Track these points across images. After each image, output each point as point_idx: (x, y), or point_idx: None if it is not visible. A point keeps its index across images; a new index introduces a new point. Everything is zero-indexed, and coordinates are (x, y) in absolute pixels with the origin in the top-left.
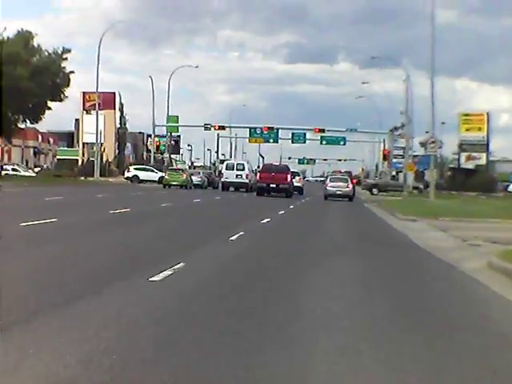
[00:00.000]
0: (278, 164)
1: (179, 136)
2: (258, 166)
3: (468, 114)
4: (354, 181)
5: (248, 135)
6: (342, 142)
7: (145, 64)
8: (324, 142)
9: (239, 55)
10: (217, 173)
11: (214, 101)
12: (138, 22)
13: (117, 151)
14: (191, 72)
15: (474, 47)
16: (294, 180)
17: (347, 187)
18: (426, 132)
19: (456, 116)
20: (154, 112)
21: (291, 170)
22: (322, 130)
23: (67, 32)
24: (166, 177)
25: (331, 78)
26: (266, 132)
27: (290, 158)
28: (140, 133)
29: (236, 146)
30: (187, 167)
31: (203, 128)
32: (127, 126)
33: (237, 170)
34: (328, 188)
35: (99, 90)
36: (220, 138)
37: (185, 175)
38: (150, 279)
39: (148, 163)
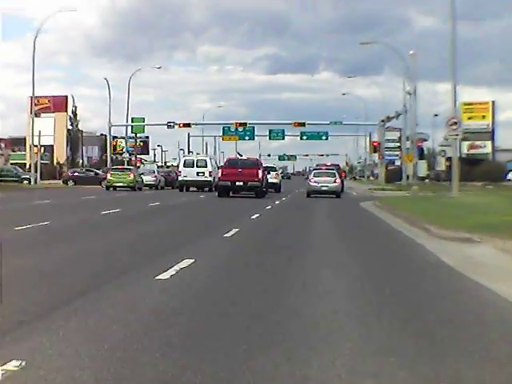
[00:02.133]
0: (245, 158)
1: (147, 137)
2: None
3: (470, 103)
4: (344, 174)
5: (221, 133)
6: (323, 137)
7: (124, 79)
8: (304, 138)
9: (219, 68)
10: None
11: (194, 108)
12: (118, 40)
13: (69, 153)
14: (172, 85)
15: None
16: (268, 176)
17: (334, 182)
18: (416, 125)
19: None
20: (111, 113)
21: (265, 164)
22: (302, 124)
23: (48, 52)
24: (109, 177)
25: (313, 87)
26: (240, 130)
27: (269, 155)
28: (115, 137)
29: (215, 147)
30: (155, 167)
31: (166, 126)
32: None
33: (197, 166)
34: (311, 183)
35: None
36: (196, 139)
37: (132, 175)
38: None
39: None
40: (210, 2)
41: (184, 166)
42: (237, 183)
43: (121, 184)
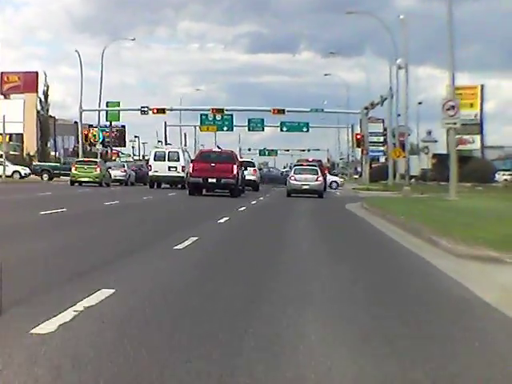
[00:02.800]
0: (220, 151)
1: (123, 126)
2: None
3: (458, 87)
4: (326, 171)
5: (199, 123)
6: (304, 128)
7: (106, 55)
8: (285, 129)
9: (200, 46)
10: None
11: (175, 93)
12: (99, 16)
13: (39, 143)
14: (152, 65)
15: (436, 34)
16: (245, 172)
17: (316, 180)
18: (398, 115)
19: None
20: (83, 94)
21: (242, 159)
22: (282, 111)
23: (28, 26)
24: (74, 171)
25: (294, 68)
26: (218, 119)
27: (249, 150)
28: (90, 126)
29: (195, 139)
30: (131, 159)
31: (139, 112)
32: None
33: (169, 160)
34: (292, 182)
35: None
36: (175, 129)
37: (98, 169)
38: None
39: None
40: None
41: (154, 160)
42: (209, 180)
43: (86, 179)
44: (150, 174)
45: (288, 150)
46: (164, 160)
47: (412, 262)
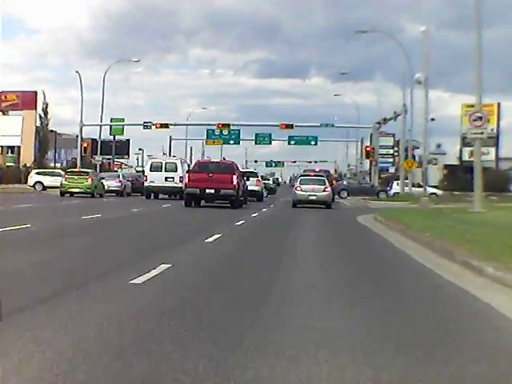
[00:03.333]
0: (219, 161)
1: (128, 140)
2: None
3: (473, 104)
4: (334, 182)
5: (205, 137)
6: (313, 142)
7: (117, 80)
8: (292, 142)
9: (210, 72)
10: None
11: (184, 113)
12: (110, 42)
13: (37, 154)
14: (162, 88)
15: (446, 60)
16: (247, 183)
17: (324, 191)
18: (410, 130)
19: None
20: (83, 111)
21: (244, 169)
22: (290, 126)
23: (40, 52)
24: (64, 181)
25: (304, 92)
26: (225, 133)
27: (256, 162)
28: (93, 139)
29: (203, 152)
30: (134, 171)
31: (142, 127)
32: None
33: (166, 170)
34: (298, 192)
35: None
36: (182, 143)
37: (90, 179)
38: None
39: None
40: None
41: (151, 170)
42: (207, 190)
43: (77, 189)
44: (146, 184)
45: (295, 162)
46: (161, 170)
47: (456, 298)
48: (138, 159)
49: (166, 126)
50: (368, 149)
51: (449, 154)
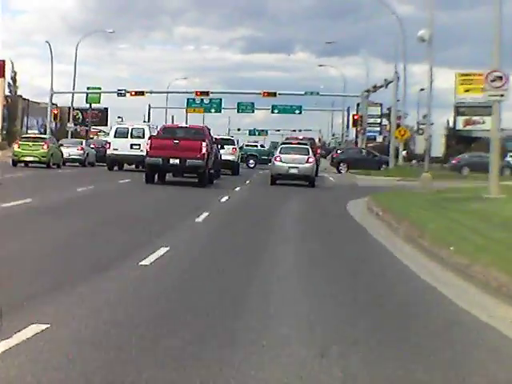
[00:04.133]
0: (187, 126)
1: (106, 108)
2: None
3: (467, 73)
4: (318, 151)
5: (185, 106)
6: (297, 111)
7: (101, 56)
8: (276, 111)
9: (195, 48)
10: None
11: (167, 84)
12: (96, 22)
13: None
14: (147, 62)
15: (433, 37)
16: (221, 152)
17: (307, 162)
18: (398, 100)
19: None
20: (53, 79)
21: (220, 136)
22: (273, 94)
23: (26, 31)
24: (17, 149)
25: (289, 65)
26: (206, 102)
27: (239, 130)
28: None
29: (186, 121)
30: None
31: (116, 94)
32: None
33: (132, 137)
34: (277, 164)
35: None
36: (160, 112)
37: (46, 146)
38: None
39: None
40: None
41: (115, 137)
42: (171, 161)
43: (31, 158)
44: (109, 152)
45: (279, 130)
46: (126, 137)
47: None
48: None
49: (141, 93)
50: (356, 117)
51: (436, 124)
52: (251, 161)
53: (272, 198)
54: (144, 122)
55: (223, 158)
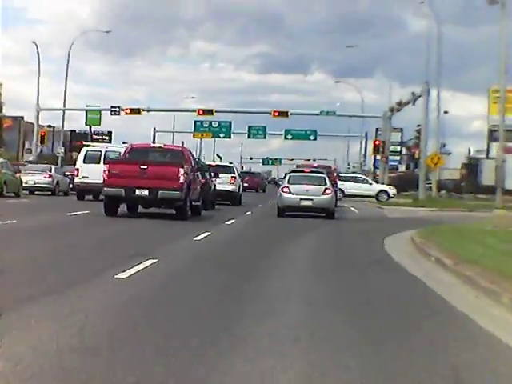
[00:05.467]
0: (161, 147)
1: (110, 132)
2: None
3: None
4: (337, 180)
5: (193, 129)
6: (312, 137)
7: (118, 74)
8: (289, 137)
9: (210, 66)
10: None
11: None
12: (112, 34)
13: None
14: (163, 83)
15: (449, 56)
16: (217, 181)
17: (324, 194)
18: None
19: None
20: (40, 92)
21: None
22: (284, 114)
23: (40, 43)
24: None
25: (304, 88)
26: (214, 125)
27: (251, 159)
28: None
29: (200, 149)
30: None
31: (109, 112)
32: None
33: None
34: (285, 195)
35: None
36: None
37: None
38: None
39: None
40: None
41: (84, 162)
42: (137, 192)
43: None
44: (77, 180)
45: (292, 160)
46: (98, 162)
47: None
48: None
49: (137, 111)
50: (377, 142)
51: (453, 154)
52: None
53: (275, 235)
54: (124, 142)
55: (220, 187)
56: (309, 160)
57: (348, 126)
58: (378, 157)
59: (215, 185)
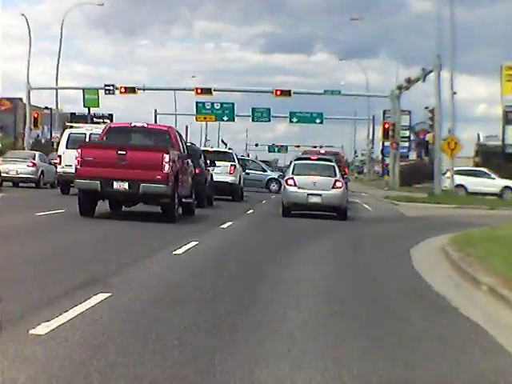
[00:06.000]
0: (143, 125)
1: (111, 115)
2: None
3: None
4: (347, 170)
5: (195, 111)
6: (318, 120)
7: (121, 54)
8: (295, 120)
9: (215, 46)
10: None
11: (187, 91)
12: (114, 12)
13: None
14: (167, 63)
15: (452, 37)
16: (215, 170)
17: (334, 187)
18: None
19: None
20: (30, 68)
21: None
22: (287, 93)
23: (42, 22)
24: None
25: (308, 69)
26: (217, 108)
27: (256, 145)
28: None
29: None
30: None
31: (103, 91)
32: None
33: None
34: (290, 190)
35: None
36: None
37: None
38: None
39: None
40: None
41: (67, 147)
42: (115, 185)
43: None
44: (59, 169)
45: (298, 146)
46: None
47: None
48: None
49: (132, 90)
50: (386, 126)
51: (461, 140)
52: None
53: (277, 245)
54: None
55: (218, 179)
56: (315, 147)
57: (354, 109)
58: (387, 143)
59: (212, 175)
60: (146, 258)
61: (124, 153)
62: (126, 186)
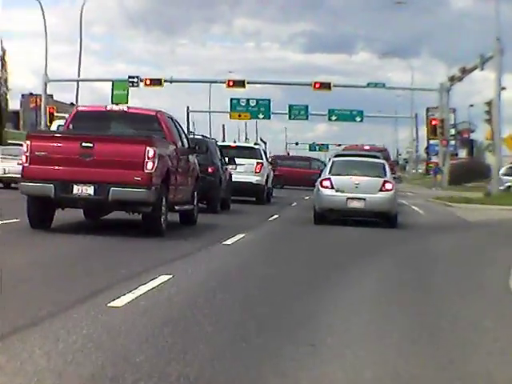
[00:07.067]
0: (125, 110)
1: None
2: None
3: None
4: (395, 169)
5: (229, 108)
6: (358, 118)
7: (161, 54)
8: (334, 118)
9: (255, 45)
10: None
11: (228, 90)
12: (154, 10)
13: None
14: (208, 61)
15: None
16: (236, 169)
17: (382, 189)
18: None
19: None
20: (48, 62)
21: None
22: (327, 86)
23: (84, 21)
24: None
25: (349, 69)
26: (252, 105)
27: (297, 144)
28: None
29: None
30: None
31: (127, 83)
32: None
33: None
34: (325, 193)
35: None
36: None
37: None
38: None
39: None
40: None
41: None
42: (74, 189)
43: None
44: None
45: (340, 145)
46: None
47: None
48: None
49: (158, 82)
50: (434, 122)
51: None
52: None
53: (303, 273)
54: (187, 131)
55: (238, 179)
56: (357, 145)
57: (394, 108)
58: (434, 141)
59: (231, 175)
60: (90, 299)
61: (90, 145)
62: (90, 190)
